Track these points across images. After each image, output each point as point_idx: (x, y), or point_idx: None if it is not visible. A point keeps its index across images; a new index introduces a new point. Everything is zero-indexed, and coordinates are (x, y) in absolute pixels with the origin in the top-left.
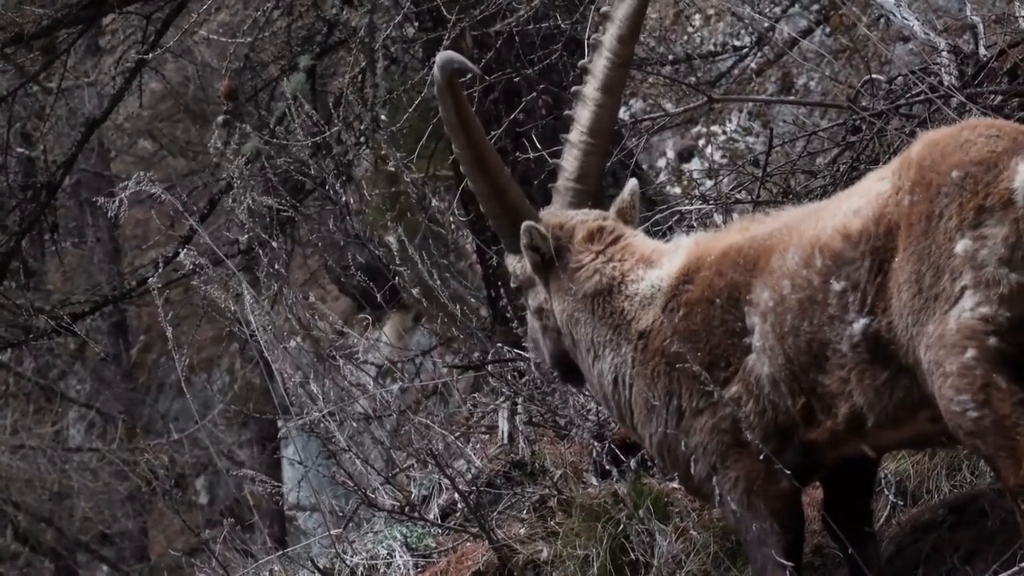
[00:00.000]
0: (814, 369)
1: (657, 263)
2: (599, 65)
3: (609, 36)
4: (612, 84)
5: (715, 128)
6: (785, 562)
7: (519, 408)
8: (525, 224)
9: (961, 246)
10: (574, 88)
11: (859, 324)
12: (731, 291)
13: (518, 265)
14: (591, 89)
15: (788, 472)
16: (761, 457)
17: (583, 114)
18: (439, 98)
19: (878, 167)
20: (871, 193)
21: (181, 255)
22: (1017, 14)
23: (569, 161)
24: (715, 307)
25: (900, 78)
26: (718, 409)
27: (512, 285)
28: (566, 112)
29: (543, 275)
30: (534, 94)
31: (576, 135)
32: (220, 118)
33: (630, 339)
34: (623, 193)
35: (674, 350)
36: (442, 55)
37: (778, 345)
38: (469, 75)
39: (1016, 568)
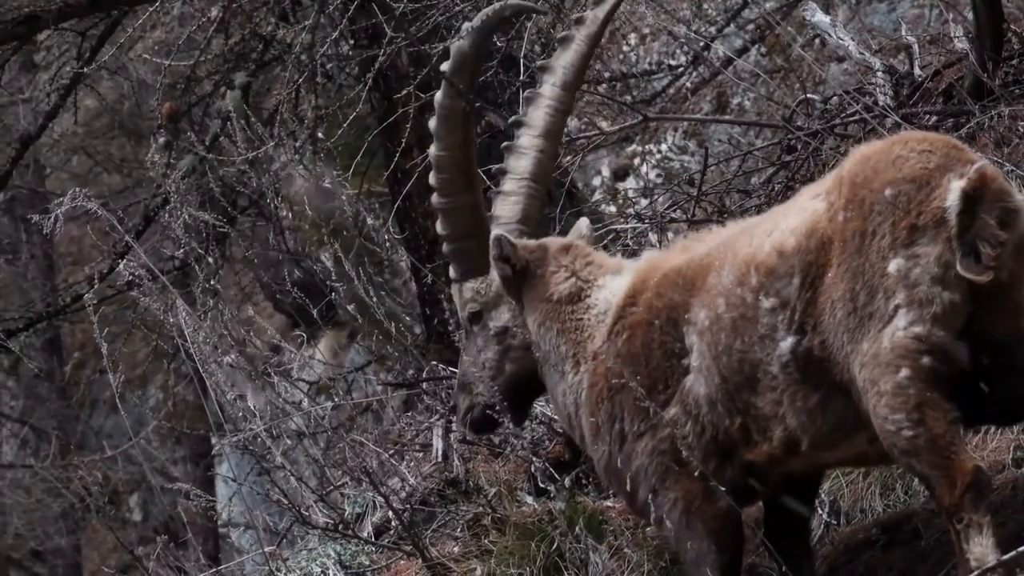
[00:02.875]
0: (747, 390)
1: (618, 275)
2: (539, 115)
3: (549, 86)
4: (553, 130)
5: (650, 147)
6: None
7: (453, 426)
8: (496, 234)
9: (894, 265)
10: (505, 144)
11: (787, 343)
12: (670, 312)
13: (480, 286)
14: (530, 139)
15: (724, 490)
16: (701, 476)
17: (522, 164)
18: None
19: (812, 184)
20: (806, 211)
21: (120, 266)
22: (952, 35)
23: (508, 208)
24: (654, 329)
25: (835, 98)
26: (657, 431)
27: (467, 312)
28: (496, 168)
29: (513, 289)
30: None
31: (515, 184)
32: (161, 139)
33: (586, 358)
34: (576, 235)
35: (616, 374)
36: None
37: (714, 364)
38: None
39: None
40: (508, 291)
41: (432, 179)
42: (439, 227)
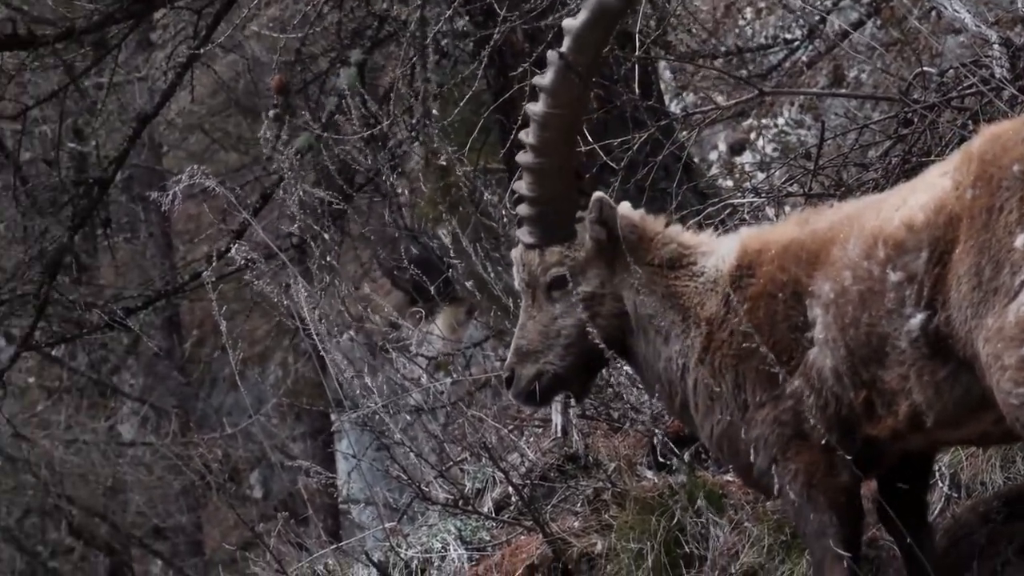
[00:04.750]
0: (874, 363)
1: (717, 244)
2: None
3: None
4: None
5: (766, 121)
6: (843, 554)
7: (572, 401)
8: (597, 195)
9: (1021, 240)
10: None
11: (917, 319)
12: (794, 286)
13: (568, 251)
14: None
15: (849, 461)
16: (823, 449)
17: None
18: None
19: (938, 160)
20: (935, 188)
21: (233, 250)
22: None
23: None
24: (778, 301)
25: (951, 71)
26: (780, 402)
27: (550, 276)
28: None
29: (606, 254)
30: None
31: None
32: (271, 112)
33: (698, 324)
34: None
35: (742, 344)
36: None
37: (840, 337)
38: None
39: None
40: (601, 256)
41: (530, 136)
42: (525, 187)
